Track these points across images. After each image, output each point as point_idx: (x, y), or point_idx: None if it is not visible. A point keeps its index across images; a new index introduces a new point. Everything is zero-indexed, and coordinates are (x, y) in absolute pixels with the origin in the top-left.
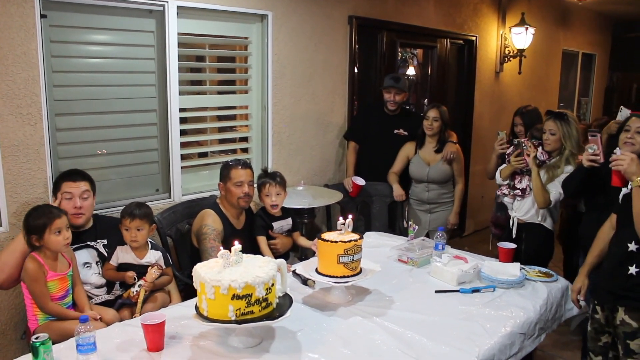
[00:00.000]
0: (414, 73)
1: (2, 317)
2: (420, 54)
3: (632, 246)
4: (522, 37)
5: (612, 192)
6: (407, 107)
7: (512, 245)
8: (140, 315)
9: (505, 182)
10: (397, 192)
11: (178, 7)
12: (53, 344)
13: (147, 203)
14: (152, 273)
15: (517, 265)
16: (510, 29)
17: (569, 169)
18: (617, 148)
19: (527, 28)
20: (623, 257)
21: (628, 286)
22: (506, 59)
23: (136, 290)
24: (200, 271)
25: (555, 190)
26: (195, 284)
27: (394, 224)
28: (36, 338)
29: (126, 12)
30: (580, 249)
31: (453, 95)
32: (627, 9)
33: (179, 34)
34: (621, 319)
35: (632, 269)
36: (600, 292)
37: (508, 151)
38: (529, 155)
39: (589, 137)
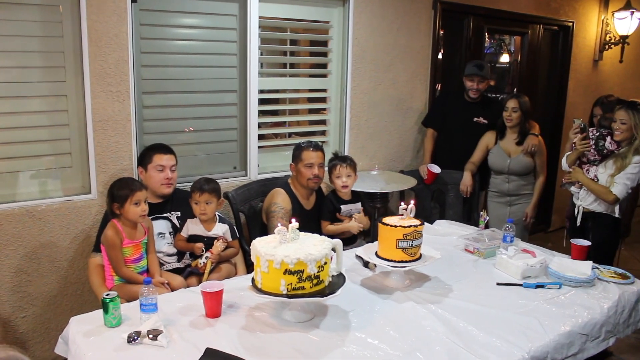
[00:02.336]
0: (508, 60)
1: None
2: (518, 41)
3: None
4: (626, 23)
5: None
6: (500, 96)
7: (587, 243)
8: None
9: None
10: (464, 181)
11: None
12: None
13: (225, 180)
14: (217, 246)
15: (589, 263)
16: (613, 14)
17: (638, 159)
18: None
19: (632, 12)
20: None
21: None
22: (607, 46)
23: (203, 262)
24: (257, 245)
25: (621, 183)
26: (252, 257)
27: (470, 215)
28: (107, 295)
29: None
30: None
31: (544, 84)
32: None
33: (260, 17)
34: None
35: None
36: None
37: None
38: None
39: None
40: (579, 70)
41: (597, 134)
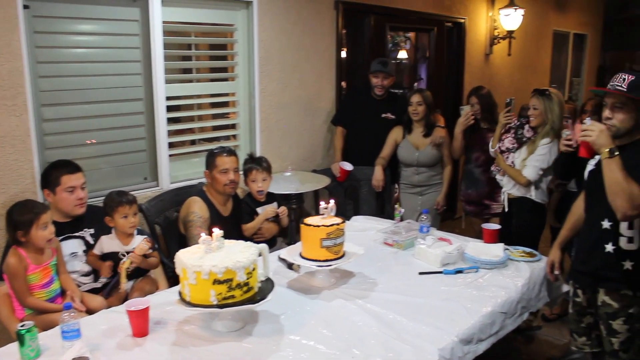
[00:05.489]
0: (406, 57)
1: None
2: (414, 37)
3: (605, 224)
4: (511, 19)
5: None
6: (400, 91)
7: (496, 227)
8: (125, 288)
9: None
10: (376, 176)
11: None
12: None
13: (136, 192)
14: (142, 245)
15: (501, 246)
16: (499, 11)
17: (545, 141)
18: (587, 118)
19: (515, 9)
20: (598, 236)
21: (606, 265)
22: (495, 41)
23: (124, 261)
24: (182, 257)
25: (531, 165)
26: (178, 270)
27: (383, 208)
28: (22, 326)
29: (110, 2)
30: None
31: (443, 78)
32: None
33: (163, 22)
34: (602, 301)
35: (609, 247)
36: (579, 276)
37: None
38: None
39: (563, 122)
40: (473, 64)
41: (518, 123)
